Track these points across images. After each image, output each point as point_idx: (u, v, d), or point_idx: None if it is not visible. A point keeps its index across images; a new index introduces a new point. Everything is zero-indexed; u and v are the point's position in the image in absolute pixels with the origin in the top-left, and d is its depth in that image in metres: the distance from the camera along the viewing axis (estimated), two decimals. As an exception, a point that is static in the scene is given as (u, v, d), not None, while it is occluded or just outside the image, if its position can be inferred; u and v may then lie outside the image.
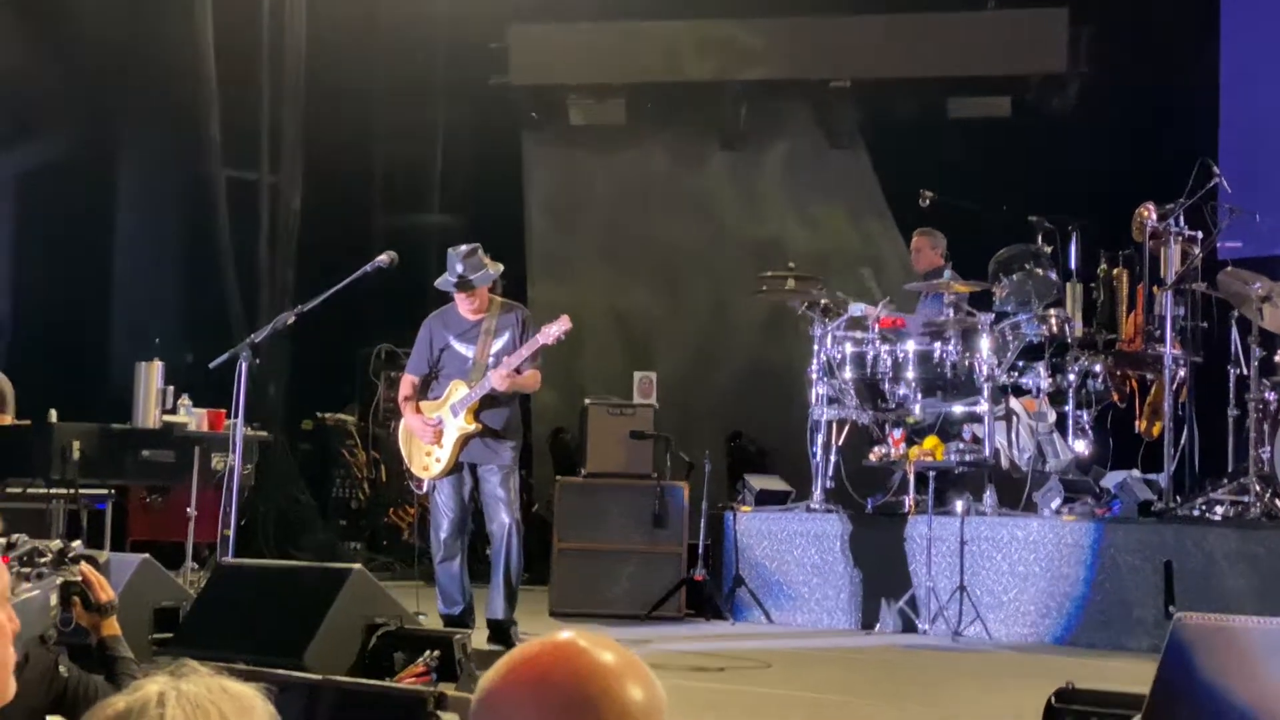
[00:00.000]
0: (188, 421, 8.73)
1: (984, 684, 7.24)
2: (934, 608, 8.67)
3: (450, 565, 7.67)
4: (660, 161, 13.31)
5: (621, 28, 13.11)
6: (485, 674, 1.67)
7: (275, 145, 12.56)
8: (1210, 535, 8.09)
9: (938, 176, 10.23)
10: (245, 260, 12.24)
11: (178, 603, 6.11)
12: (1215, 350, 9.19)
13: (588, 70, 13.25)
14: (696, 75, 13.04)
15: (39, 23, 11.78)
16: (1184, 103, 11.41)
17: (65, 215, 12.04)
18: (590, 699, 1.60)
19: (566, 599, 9.50)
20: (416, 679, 5.32)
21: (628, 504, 9.61)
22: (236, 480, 6.82)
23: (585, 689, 1.61)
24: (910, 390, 9.19)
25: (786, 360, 11.69)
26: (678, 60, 13.07)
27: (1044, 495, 8.94)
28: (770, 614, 9.40)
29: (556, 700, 1.60)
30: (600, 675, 1.62)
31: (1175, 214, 9.09)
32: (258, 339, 7.14)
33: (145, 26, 12.01)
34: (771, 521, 9.61)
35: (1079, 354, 9.28)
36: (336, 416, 12.66)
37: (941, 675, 7.47)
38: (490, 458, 7.66)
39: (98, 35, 11.83)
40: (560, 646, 1.63)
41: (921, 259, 10.28)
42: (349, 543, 12.06)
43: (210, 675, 1.87)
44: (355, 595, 5.53)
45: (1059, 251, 9.55)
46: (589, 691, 1.60)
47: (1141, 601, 8.19)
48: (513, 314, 7.81)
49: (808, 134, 13.08)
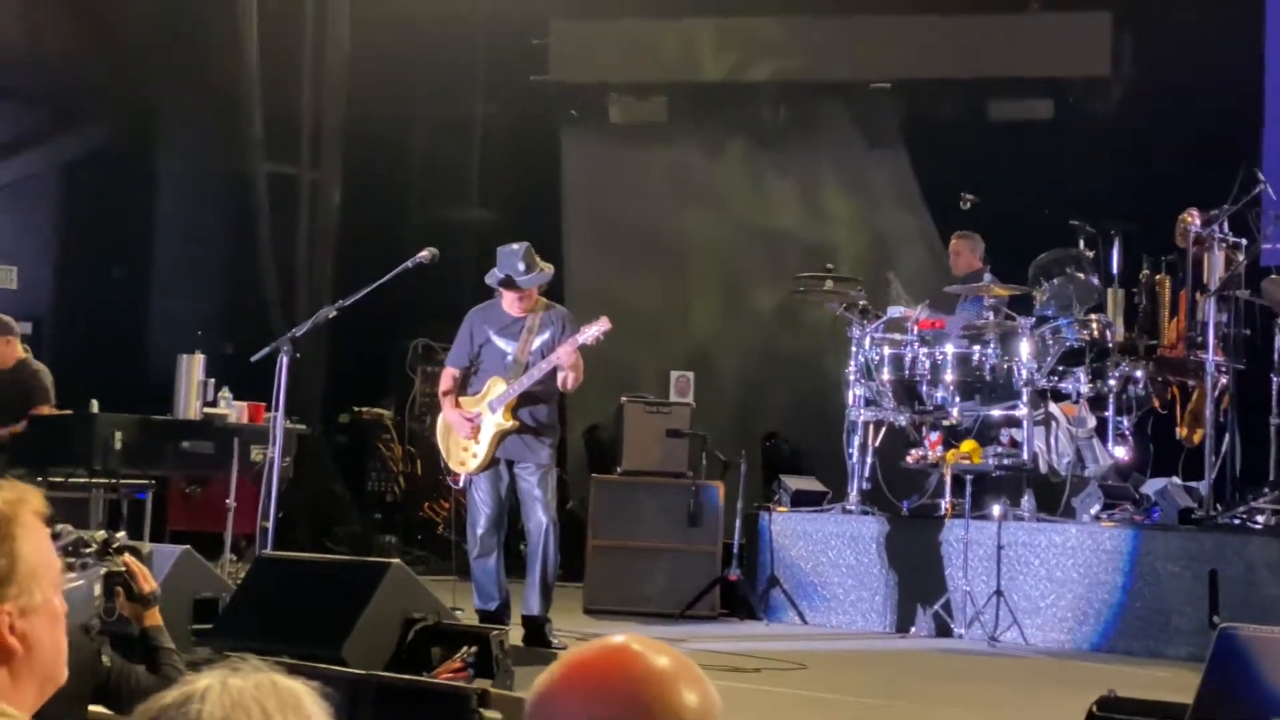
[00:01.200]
0: (228, 414, 8.77)
1: (1022, 690, 7.21)
2: (970, 612, 8.63)
3: (486, 561, 7.68)
4: (700, 161, 13.30)
5: (663, 26, 13.10)
6: (539, 678, 1.67)
7: (316, 140, 12.62)
8: (1251, 544, 8.04)
9: (978, 179, 10.19)
10: (284, 254, 12.30)
11: (217, 594, 6.16)
12: (1258, 357, 9.12)
13: (629, 68, 13.25)
14: (737, 75, 13.03)
15: (83, 14, 11.86)
16: (1228, 107, 11.33)
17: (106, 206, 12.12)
18: (645, 704, 1.60)
19: (600, 596, 9.50)
20: (454, 674, 5.34)
21: (663, 502, 9.62)
22: (276, 473, 6.84)
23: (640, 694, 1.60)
24: (948, 393, 9.16)
25: (820, 361, 11.67)
26: (718, 59, 13.06)
27: (1083, 501, 8.89)
28: (804, 615, 9.39)
29: (611, 705, 1.60)
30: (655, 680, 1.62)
31: (1220, 220, 9.04)
32: (299, 333, 7.16)
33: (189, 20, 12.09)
34: (807, 522, 9.60)
35: (1120, 359, 9.23)
36: (373, 410, 12.70)
37: (980, 680, 7.44)
38: (528, 455, 7.66)
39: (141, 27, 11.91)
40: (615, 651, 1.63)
41: (960, 261, 10.25)
42: (384, 536, 12.10)
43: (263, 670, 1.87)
44: (394, 589, 5.56)
45: (1100, 256, 9.50)
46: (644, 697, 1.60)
47: (1180, 609, 8.14)
48: (555, 314, 7.82)
49: (847, 135, 13.03)
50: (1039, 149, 11.94)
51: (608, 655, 1.62)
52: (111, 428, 8.32)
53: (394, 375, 12.84)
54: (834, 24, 12.86)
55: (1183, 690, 4.51)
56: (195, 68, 12.17)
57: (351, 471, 12.40)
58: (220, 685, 1.83)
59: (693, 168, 13.32)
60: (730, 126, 13.20)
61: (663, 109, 13.34)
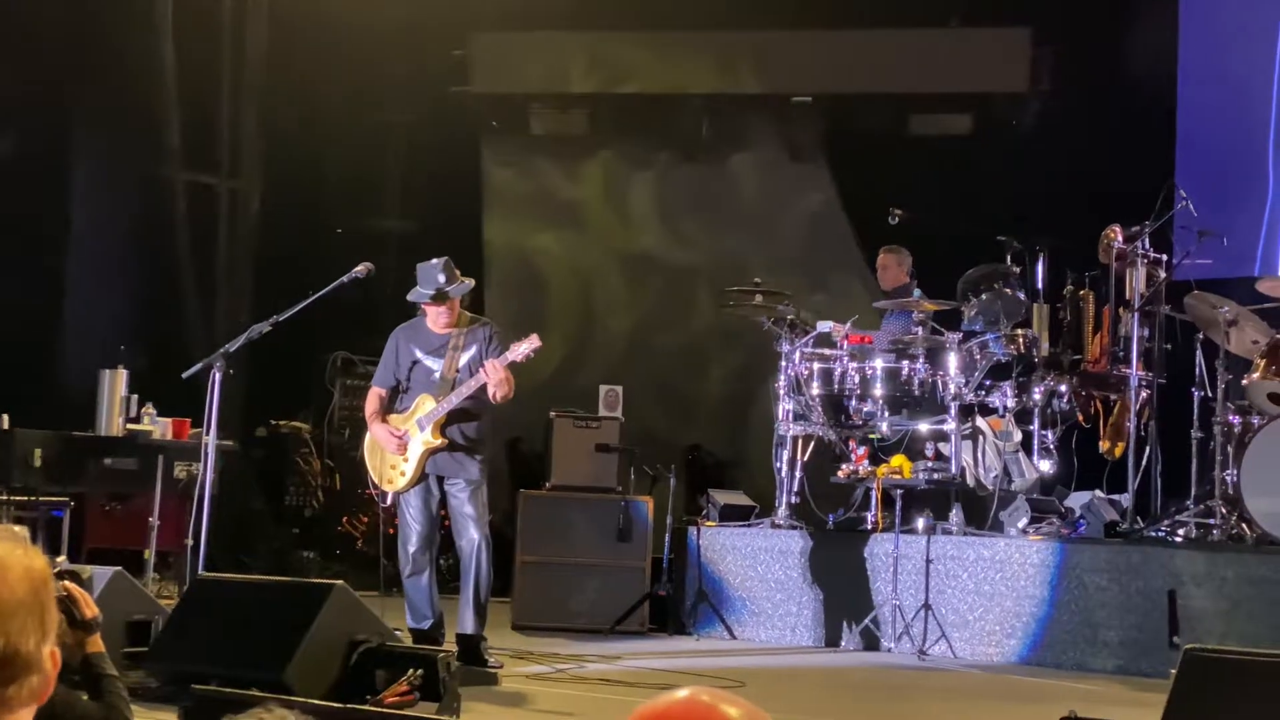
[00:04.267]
0: (152, 430, 8.60)
1: (959, 705, 7.25)
2: (899, 626, 8.67)
3: (419, 579, 7.58)
4: (621, 173, 13.28)
5: (584, 38, 13.07)
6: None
7: (235, 149, 12.43)
8: (1177, 557, 8.14)
9: (900, 193, 10.25)
10: (203, 265, 12.10)
11: (150, 616, 6.03)
12: (1179, 372, 9.25)
13: (550, 80, 13.21)
14: (659, 87, 13.03)
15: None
16: (1145, 123, 11.51)
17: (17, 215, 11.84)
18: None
19: (529, 612, 9.44)
20: (400, 698, 5.26)
21: (592, 517, 9.57)
22: (208, 491, 6.71)
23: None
24: (877, 407, 9.21)
25: (748, 375, 11.69)
26: (640, 71, 13.05)
27: (1010, 514, 8.97)
28: (733, 630, 9.39)
29: None
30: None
31: (1141, 236, 9.16)
32: (232, 349, 7.03)
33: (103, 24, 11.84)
34: (735, 537, 9.60)
35: (1045, 374, 9.33)
36: (291, 424, 12.52)
37: (915, 696, 7.47)
38: (458, 471, 7.58)
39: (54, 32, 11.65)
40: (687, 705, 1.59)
41: (888, 276, 10.30)
42: (302, 551, 11.93)
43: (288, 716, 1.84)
44: (337, 612, 5.48)
45: (1027, 271, 9.60)
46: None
47: (1107, 623, 8.22)
48: (481, 329, 7.75)
49: (770, 148, 13.08)
50: (960, 164, 12.04)
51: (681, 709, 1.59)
52: (31, 445, 8.13)
53: (312, 388, 12.66)
54: (755, 38, 12.88)
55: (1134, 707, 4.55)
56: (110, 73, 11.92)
57: (270, 486, 12.21)
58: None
59: (615, 179, 13.29)
60: (652, 139, 13.19)
61: (582, 121, 13.31)
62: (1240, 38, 11.47)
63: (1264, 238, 11.04)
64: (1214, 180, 10.96)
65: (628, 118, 13.14)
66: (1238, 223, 10.60)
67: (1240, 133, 11.35)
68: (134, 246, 12.23)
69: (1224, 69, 11.52)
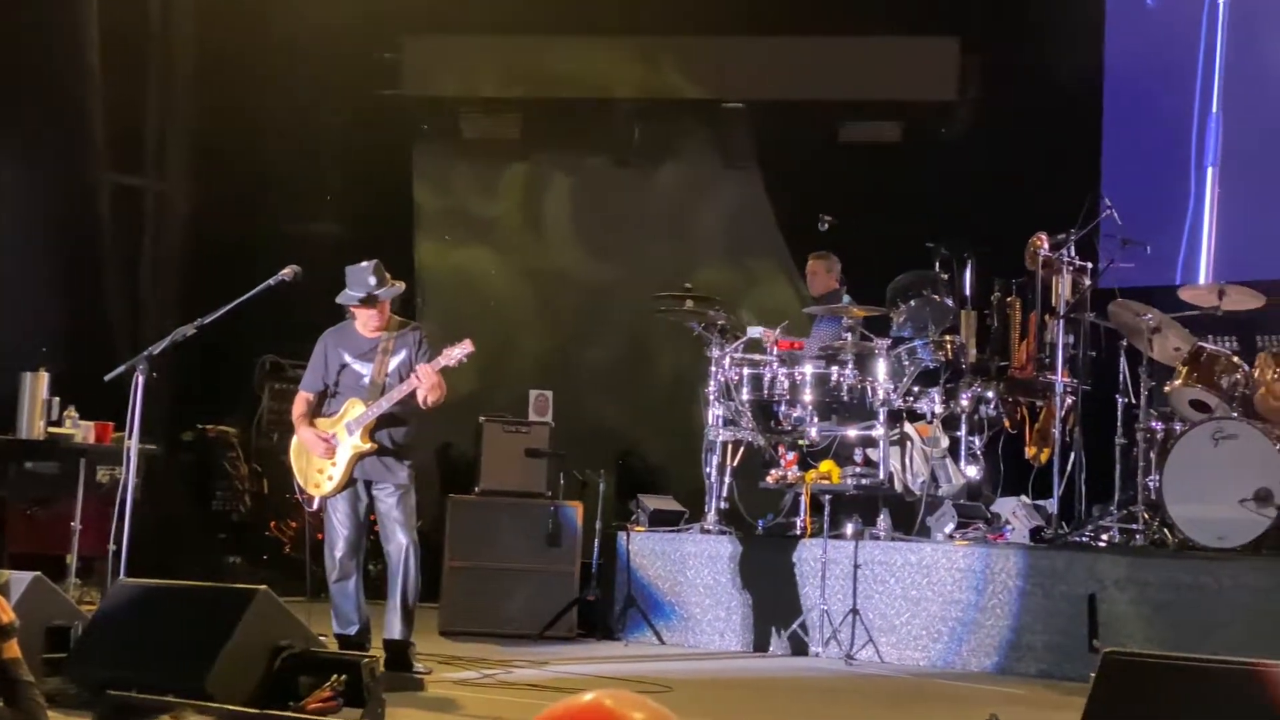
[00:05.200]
0: (74, 433, 8.49)
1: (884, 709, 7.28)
2: (827, 631, 8.70)
3: (346, 584, 7.52)
4: (553, 177, 13.28)
5: (516, 42, 13.05)
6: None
7: (162, 150, 12.29)
8: (1101, 562, 8.22)
9: (830, 200, 10.30)
10: (129, 268, 11.96)
11: (69, 622, 5.95)
12: (1104, 378, 9.35)
13: (481, 84, 13.18)
14: (591, 92, 13.03)
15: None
16: (1070, 131, 11.63)
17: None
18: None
19: (458, 618, 9.41)
20: (323, 704, 5.22)
21: (522, 522, 9.56)
22: (130, 495, 6.63)
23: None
24: (806, 413, 9.25)
25: (678, 380, 11.70)
26: (573, 76, 13.04)
27: (937, 520, 9.03)
28: (661, 635, 9.39)
29: None
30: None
31: (1067, 244, 9.26)
32: (155, 351, 6.95)
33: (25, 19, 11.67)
34: (665, 542, 9.61)
35: (972, 380, 9.41)
36: (218, 428, 12.40)
37: (841, 701, 7.50)
38: (386, 476, 7.54)
39: (-24, 32, 11.49)
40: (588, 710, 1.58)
41: (817, 282, 10.34)
42: (230, 557, 11.81)
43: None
44: (260, 617, 5.43)
45: (955, 278, 9.68)
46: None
47: (1031, 627, 8.29)
48: (410, 333, 7.71)
49: (702, 154, 13.12)
50: (889, 171, 12.13)
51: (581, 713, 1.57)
52: (-52, 448, 8.00)
53: (240, 392, 12.55)
54: (688, 43, 12.92)
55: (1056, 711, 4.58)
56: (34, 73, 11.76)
57: (196, 491, 12.08)
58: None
59: (545, 184, 13.28)
60: (583, 144, 13.19)
61: (514, 125, 13.29)
62: (1165, 48, 11.63)
63: (1185, 246, 11.20)
64: (1138, 189, 11.10)
65: (559, 123, 13.13)
66: (1161, 231, 10.74)
67: (1164, 142, 11.50)
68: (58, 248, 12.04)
69: (1149, 79, 11.68)
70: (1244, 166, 11.14)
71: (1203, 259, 11.15)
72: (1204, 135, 11.30)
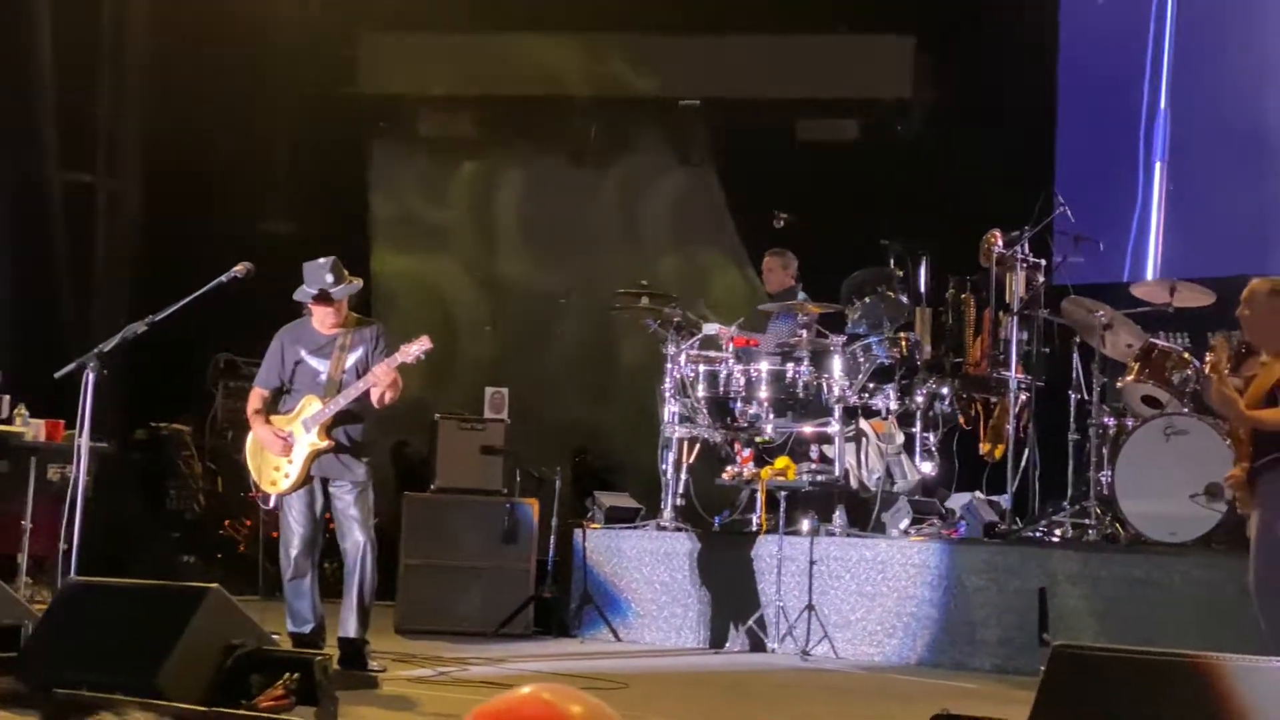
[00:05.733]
0: (25, 431, 8.42)
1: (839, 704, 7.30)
2: (783, 627, 8.72)
3: (300, 583, 7.49)
4: (509, 175, 13.27)
5: (473, 40, 13.03)
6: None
7: (113, 148, 12.20)
8: (1053, 557, 8.27)
9: (786, 197, 10.33)
10: (80, 265, 11.86)
11: (19, 621, 5.90)
12: (1057, 375, 9.40)
13: (438, 82, 13.16)
14: (547, 90, 13.02)
15: None
16: (1025, 129, 11.70)
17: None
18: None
19: (413, 616, 9.38)
20: (276, 702, 5.19)
21: (477, 520, 9.54)
22: (81, 494, 6.58)
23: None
24: (762, 409, 9.26)
25: (635, 377, 11.70)
26: (529, 74, 13.03)
27: (892, 516, 9.07)
28: (618, 632, 9.39)
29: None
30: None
31: (1020, 241, 9.31)
32: (106, 349, 6.89)
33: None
34: (621, 539, 9.61)
35: (927, 376, 9.44)
36: (172, 426, 12.32)
37: (796, 696, 7.51)
38: (343, 473, 7.50)
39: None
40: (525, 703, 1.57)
41: (773, 279, 10.37)
42: (184, 556, 11.73)
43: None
44: (212, 615, 5.40)
45: (910, 275, 9.71)
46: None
47: (985, 622, 8.33)
48: (368, 329, 7.68)
49: (658, 152, 13.13)
50: (846, 169, 12.16)
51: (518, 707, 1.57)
52: (-104, 447, 7.93)
53: (194, 390, 12.47)
54: (644, 41, 12.94)
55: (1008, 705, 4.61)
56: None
57: (150, 489, 12.00)
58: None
59: (502, 181, 13.27)
60: (540, 141, 13.17)
61: (472, 123, 13.27)
62: (1115, 47, 11.71)
63: (1133, 242, 11.27)
64: (1090, 186, 11.17)
65: (515, 120, 13.13)
66: (1111, 227, 10.82)
67: (1113, 140, 11.59)
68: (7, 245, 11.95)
69: (1100, 77, 11.75)
70: (1192, 163, 11.23)
71: (1150, 255, 11.24)
72: (1152, 131, 11.39)
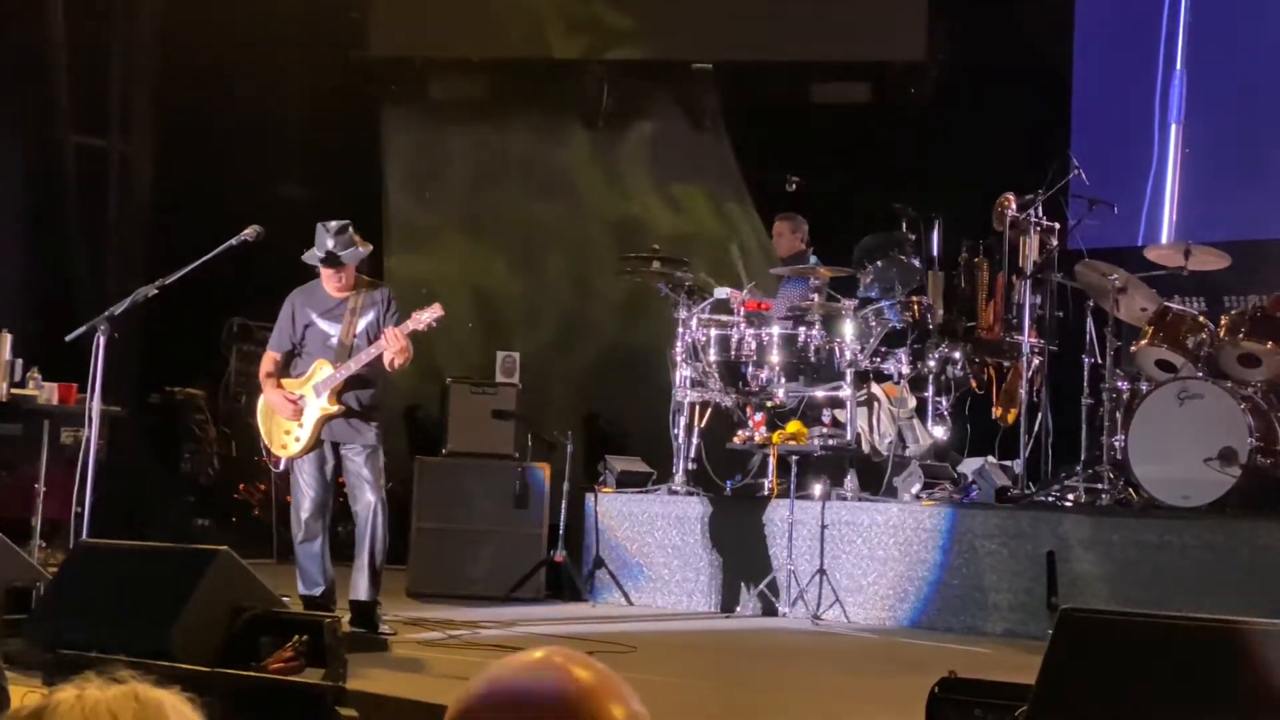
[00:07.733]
0: (38, 395, 8.44)
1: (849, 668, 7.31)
2: (794, 591, 8.72)
3: (311, 546, 7.51)
4: (522, 138, 13.21)
5: (485, 2, 12.96)
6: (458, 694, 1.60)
7: (126, 111, 12.19)
8: (1065, 521, 8.25)
9: (798, 160, 10.29)
10: (94, 229, 11.87)
11: (30, 583, 5.93)
12: (1070, 339, 9.37)
13: (449, 44, 13.09)
14: (559, 53, 12.97)
15: None
16: (1041, 92, 11.62)
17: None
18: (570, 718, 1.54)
19: (425, 579, 9.40)
20: (285, 664, 5.21)
21: (489, 484, 9.55)
22: (93, 457, 6.59)
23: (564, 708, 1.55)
24: (773, 374, 9.24)
25: (646, 341, 11.69)
26: (541, 37, 12.97)
27: (904, 480, 9.05)
28: (630, 596, 9.40)
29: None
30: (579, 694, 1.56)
31: (1035, 205, 9.25)
32: (117, 311, 6.90)
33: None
34: (632, 503, 9.61)
35: (939, 341, 9.41)
36: (186, 390, 12.35)
37: (806, 660, 7.52)
38: (354, 437, 7.52)
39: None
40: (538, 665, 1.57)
41: (783, 243, 10.33)
42: (198, 519, 11.79)
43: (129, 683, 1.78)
44: (221, 578, 5.41)
45: (922, 239, 9.67)
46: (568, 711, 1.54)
47: (997, 587, 8.32)
48: (378, 292, 7.68)
49: (670, 115, 13.07)
50: (859, 132, 12.10)
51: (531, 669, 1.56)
52: (-90, 411, 7.95)
53: (208, 354, 12.50)
54: (656, 4, 12.86)
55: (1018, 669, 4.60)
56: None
57: (164, 453, 12.04)
58: (75, 698, 1.75)
59: (515, 145, 13.22)
60: (552, 104, 13.12)
61: (483, 86, 13.22)
62: (1131, 10, 11.62)
63: (1148, 205, 11.21)
64: (1105, 149, 11.10)
65: (528, 84, 13.07)
66: (1127, 190, 10.75)
67: (1130, 102, 11.51)
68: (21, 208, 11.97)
69: (1116, 40, 11.67)
70: (1207, 125, 11.15)
71: (1165, 218, 11.17)
72: (1168, 93, 11.30)
